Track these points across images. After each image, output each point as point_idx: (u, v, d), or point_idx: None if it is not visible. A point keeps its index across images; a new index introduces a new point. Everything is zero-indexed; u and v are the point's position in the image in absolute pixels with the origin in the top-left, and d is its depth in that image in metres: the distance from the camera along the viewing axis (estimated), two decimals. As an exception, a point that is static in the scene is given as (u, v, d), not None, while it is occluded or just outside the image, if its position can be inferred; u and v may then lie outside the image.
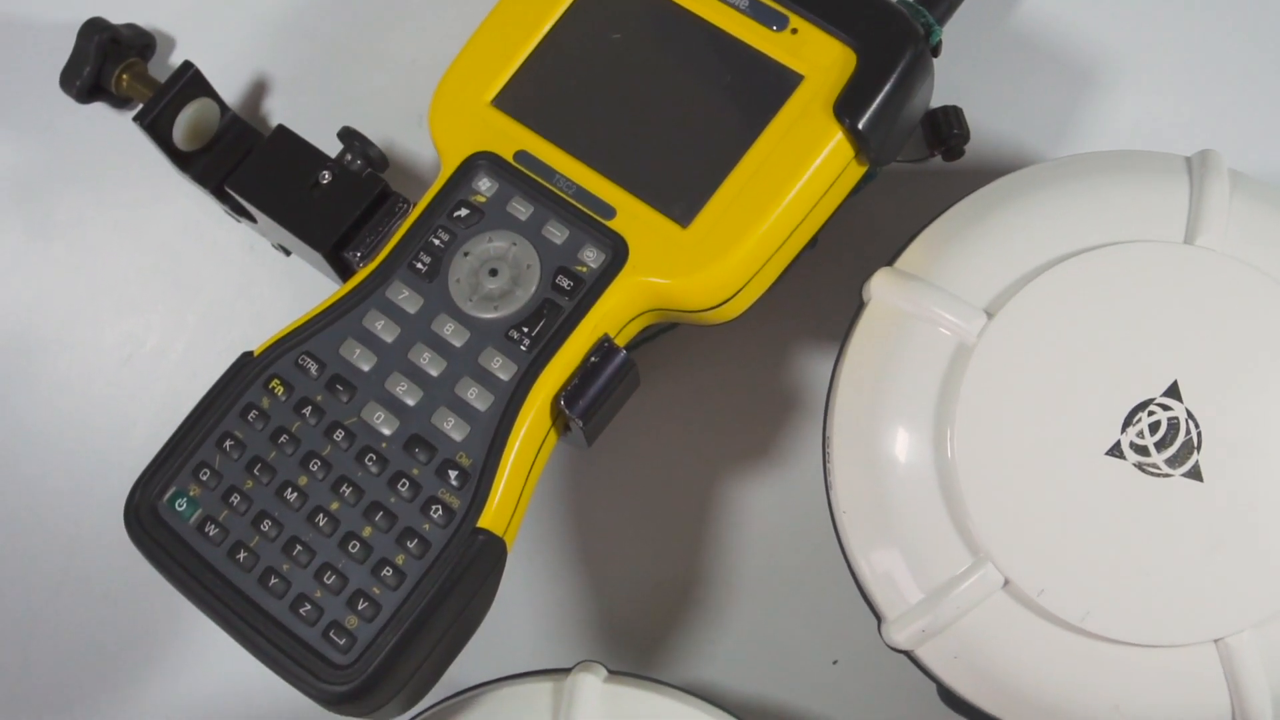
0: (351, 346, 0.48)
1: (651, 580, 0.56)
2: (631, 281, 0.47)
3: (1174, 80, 0.58)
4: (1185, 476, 0.46)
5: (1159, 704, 0.46)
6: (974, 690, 0.48)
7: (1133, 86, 0.58)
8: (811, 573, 0.56)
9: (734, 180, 0.48)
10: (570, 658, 0.56)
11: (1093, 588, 0.46)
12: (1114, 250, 0.47)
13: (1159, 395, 0.46)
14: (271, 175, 0.52)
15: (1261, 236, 0.48)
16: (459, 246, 0.48)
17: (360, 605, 0.45)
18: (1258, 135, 0.58)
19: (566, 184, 0.49)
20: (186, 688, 0.56)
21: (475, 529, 0.45)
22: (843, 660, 0.56)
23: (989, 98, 0.57)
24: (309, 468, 0.47)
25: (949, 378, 0.47)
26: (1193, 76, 0.58)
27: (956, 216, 0.50)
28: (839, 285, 0.55)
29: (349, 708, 0.45)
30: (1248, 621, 0.45)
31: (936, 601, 0.47)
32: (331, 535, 0.46)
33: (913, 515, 0.47)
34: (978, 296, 0.48)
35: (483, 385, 0.47)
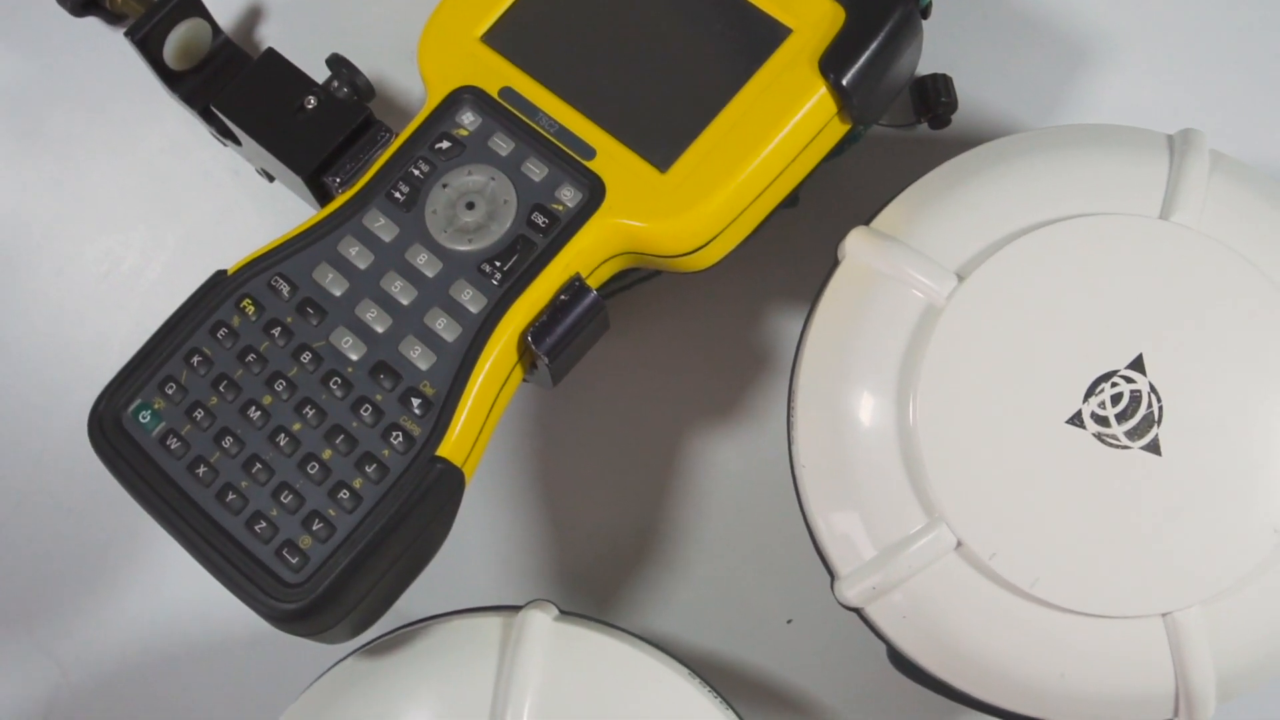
0: (325, 271, 0.48)
1: (613, 528, 0.57)
2: (606, 223, 0.47)
3: (1166, 60, 0.58)
4: (1144, 450, 0.46)
5: (1104, 674, 0.46)
6: (921, 651, 0.48)
7: (1125, 65, 0.58)
8: (773, 531, 0.56)
9: (715, 129, 0.48)
10: (526, 598, 0.56)
11: (1044, 555, 0.46)
12: (1089, 221, 0.47)
13: (1123, 367, 0.46)
14: (257, 98, 0.52)
15: (1237, 216, 0.48)
16: (438, 178, 0.49)
17: (315, 526, 0.45)
18: (1248, 119, 0.58)
19: (549, 123, 0.49)
20: (145, 604, 0.57)
21: (434, 457, 0.46)
22: (797, 620, 0.56)
23: (980, 69, 0.57)
24: (274, 388, 0.47)
25: (916, 338, 0.47)
26: (1186, 57, 0.58)
27: (936, 179, 0.50)
28: (819, 245, 0.55)
29: (297, 626, 0.45)
30: (1196, 597, 0.45)
31: (888, 559, 0.47)
32: (291, 455, 0.46)
33: (871, 473, 0.47)
34: (950, 259, 0.48)
35: (452, 316, 0.47)
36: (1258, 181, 0.49)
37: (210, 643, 0.56)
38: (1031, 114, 0.57)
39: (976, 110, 0.57)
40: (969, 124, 0.57)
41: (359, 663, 0.49)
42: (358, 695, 0.48)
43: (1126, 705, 0.47)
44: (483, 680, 0.47)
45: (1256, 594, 0.46)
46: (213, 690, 0.56)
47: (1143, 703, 0.47)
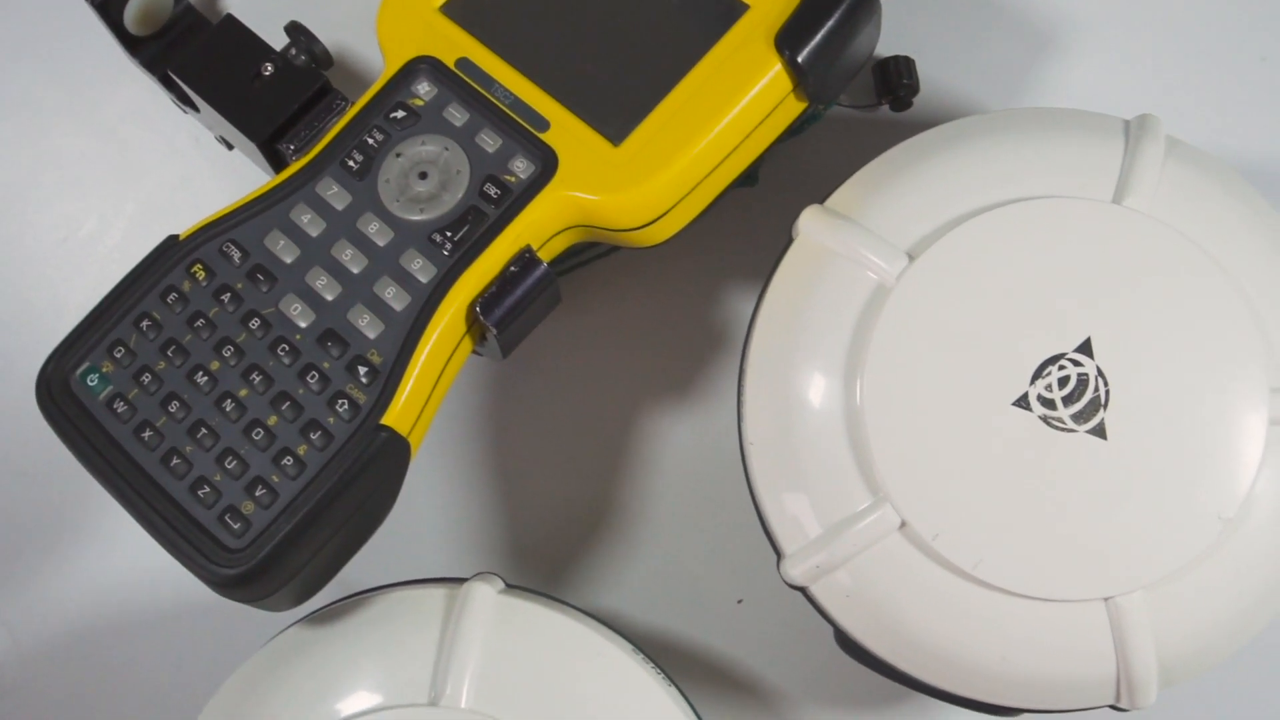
0: (276, 238, 0.48)
1: (565, 504, 0.56)
2: (558, 195, 0.47)
3: (1131, 46, 0.58)
4: (1089, 433, 0.46)
5: (1046, 658, 0.46)
6: (864, 631, 0.48)
7: (1089, 50, 0.58)
8: (726, 510, 0.56)
9: (669, 103, 0.48)
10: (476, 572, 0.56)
11: (988, 536, 0.46)
12: (1041, 204, 0.47)
13: (1071, 350, 0.46)
14: (215, 63, 0.52)
15: (1190, 202, 0.48)
16: (392, 147, 0.48)
17: (258, 492, 0.45)
18: (1210, 106, 0.58)
19: (504, 94, 0.49)
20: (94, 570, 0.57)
21: (379, 426, 0.45)
22: (747, 600, 0.56)
23: (943, 52, 0.57)
24: (222, 353, 0.47)
25: (865, 316, 0.47)
26: (1150, 44, 0.58)
27: (891, 159, 0.50)
28: (777, 225, 0.55)
29: (237, 592, 0.45)
30: (1138, 582, 0.45)
31: (833, 538, 0.47)
32: (237, 421, 0.46)
33: (818, 452, 0.47)
34: (902, 239, 0.48)
35: (401, 285, 0.47)
36: (1213, 168, 0.49)
37: (160, 609, 0.56)
38: (994, 98, 0.57)
39: (939, 93, 0.57)
40: (931, 107, 0.57)
41: (301, 631, 0.49)
42: (299, 664, 0.48)
43: (1068, 689, 0.47)
44: (424, 651, 0.47)
45: (1200, 580, 0.46)
46: (161, 657, 0.56)
47: (1084, 687, 0.47)
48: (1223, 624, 0.47)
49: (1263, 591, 0.47)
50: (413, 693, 0.47)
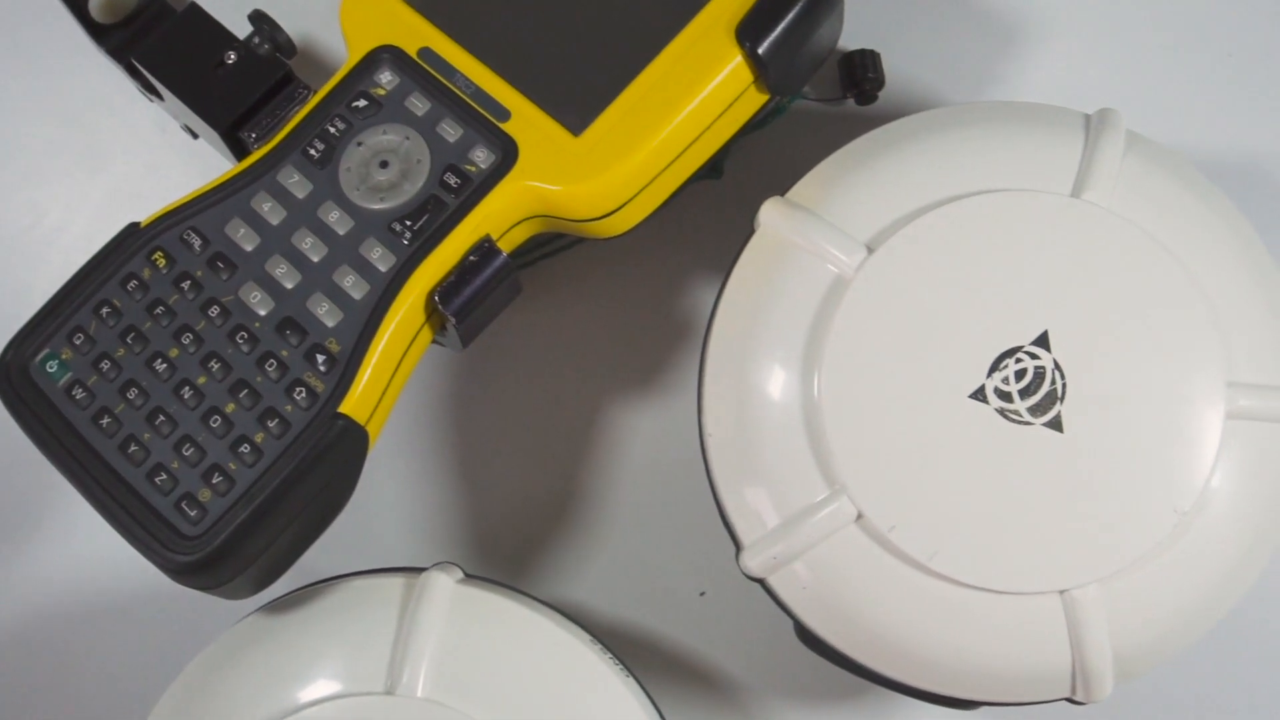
0: (237, 226, 0.48)
1: (528, 495, 0.57)
2: (518, 185, 0.47)
3: (1096, 41, 0.58)
4: (1046, 426, 0.46)
5: (1001, 650, 0.46)
6: (821, 623, 0.48)
7: (1054, 45, 0.58)
8: (689, 502, 0.56)
9: (630, 94, 0.48)
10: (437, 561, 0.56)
11: (943, 529, 0.46)
12: (999, 197, 0.47)
13: (1028, 344, 0.46)
14: (177, 52, 0.52)
15: (1149, 196, 0.48)
16: (353, 136, 0.48)
17: (215, 479, 0.45)
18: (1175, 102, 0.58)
19: (466, 84, 0.49)
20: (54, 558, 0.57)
21: (336, 414, 0.46)
22: (710, 593, 0.56)
23: (909, 46, 0.57)
24: (181, 341, 0.47)
25: (824, 308, 0.47)
26: (1116, 40, 0.58)
27: (852, 152, 0.50)
28: (742, 218, 0.55)
29: (194, 579, 0.45)
30: (1094, 575, 0.46)
31: (790, 529, 0.47)
32: (195, 409, 0.46)
33: (776, 444, 0.47)
34: (861, 231, 0.48)
35: (360, 274, 0.47)
36: (1172, 163, 0.49)
37: (121, 597, 0.56)
38: (960, 92, 0.57)
39: (904, 87, 0.57)
40: (896, 101, 0.57)
41: (259, 619, 0.49)
42: (256, 652, 0.48)
43: (1024, 681, 0.47)
44: (382, 640, 0.47)
45: (1155, 573, 0.46)
46: (121, 645, 0.56)
47: (1040, 679, 0.47)
48: (1178, 617, 0.47)
49: (1219, 585, 0.47)
50: (369, 681, 0.47)
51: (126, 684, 0.56)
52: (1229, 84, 0.58)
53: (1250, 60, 0.58)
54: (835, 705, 0.56)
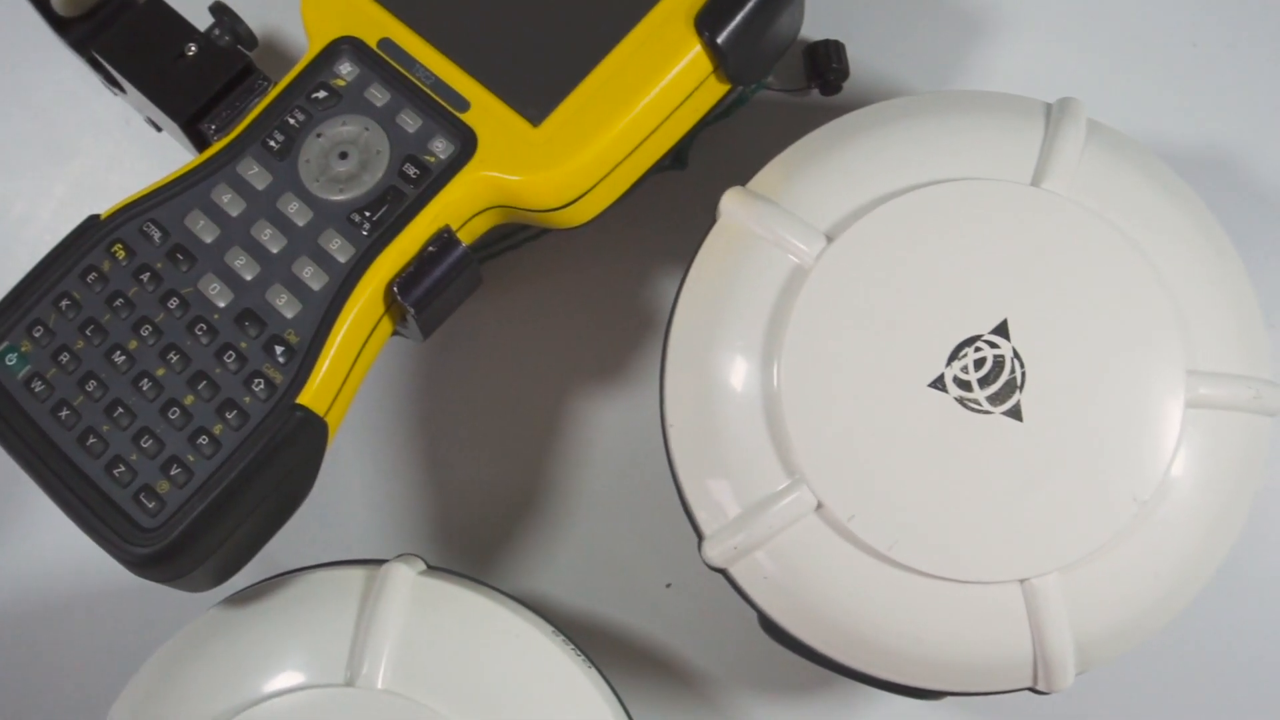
0: (197, 217, 0.48)
1: (493, 487, 0.56)
2: (477, 175, 0.47)
3: (1062, 32, 0.58)
4: (1005, 415, 0.46)
5: (962, 640, 0.46)
6: (782, 613, 0.48)
7: (1019, 35, 0.58)
8: (655, 494, 0.56)
9: (589, 84, 0.48)
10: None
11: (903, 518, 0.46)
12: (959, 186, 0.47)
13: (987, 332, 0.46)
14: (138, 44, 0.51)
15: (1109, 185, 0.48)
16: (313, 128, 0.48)
17: (173, 471, 0.45)
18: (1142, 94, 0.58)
19: (425, 74, 0.49)
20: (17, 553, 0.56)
21: (294, 405, 0.45)
22: (676, 584, 0.56)
23: (873, 36, 0.57)
24: (140, 333, 0.47)
25: (783, 298, 0.47)
26: (1081, 29, 0.58)
27: (813, 141, 0.50)
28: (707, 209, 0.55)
29: (152, 571, 0.45)
30: (1054, 564, 0.45)
31: (751, 519, 0.47)
32: (154, 401, 0.46)
33: (736, 433, 0.47)
34: (820, 220, 0.48)
35: (319, 265, 0.47)
36: (1133, 151, 0.49)
37: (84, 593, 0.56)
38: (925, 83, 0.57)
39: (868, 77, 0.57)
40: (861, 91, 0.57)
41: (221, 612, 0.49)
42: (217, 644, 0.48)
43: (986, 671, 0.47)
44: (342, 632, 0.47)
45: (1116, 563, 0.46)
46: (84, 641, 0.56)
47: (1002, 669, 0.47)
48: (1139, 606, 0.47)
49: (1180, 574, 0.47)
50: (329, 673, 0.46)
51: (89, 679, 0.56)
52: (1194, 74, 0.58)
53: (1215, 50, 0.58)
54: (801, 697, 0.56)
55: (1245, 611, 0.56)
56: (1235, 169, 0.57)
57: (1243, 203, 0.57)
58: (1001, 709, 0.55)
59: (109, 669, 0.56)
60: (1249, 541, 0.55)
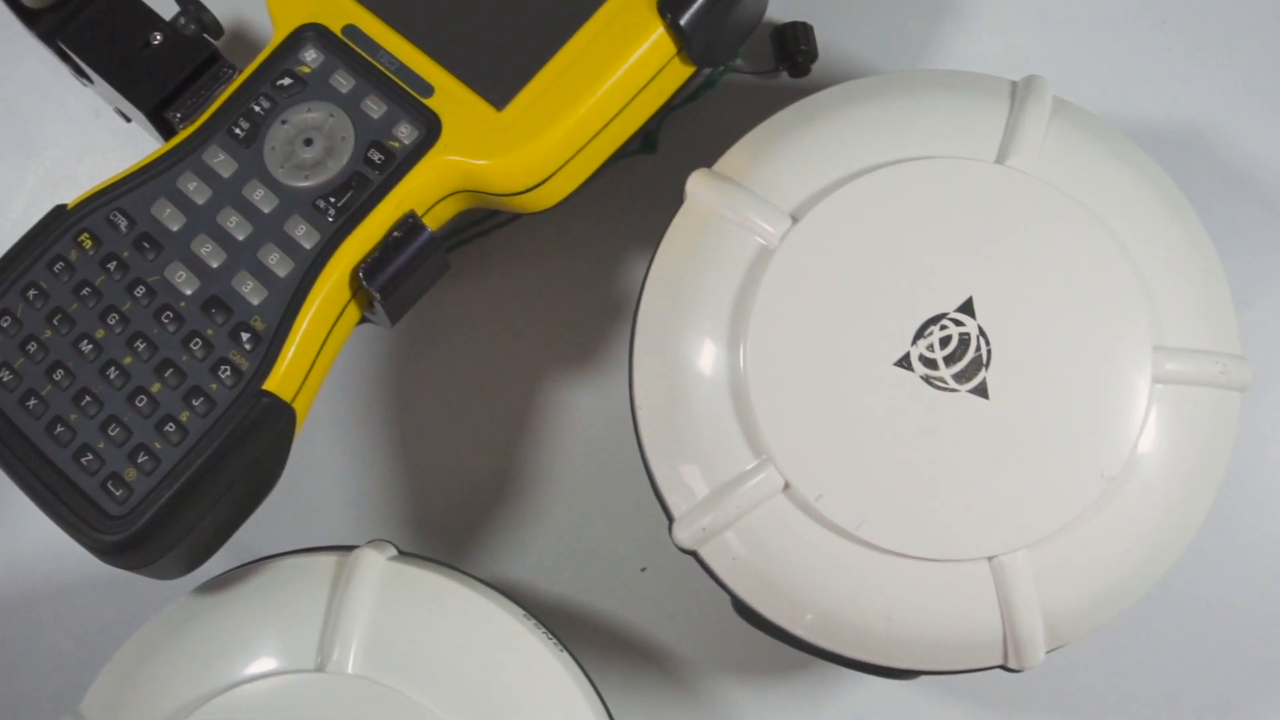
0: (163, 206, 0.48)
1: (468, 474, 0.56)
2: (441, 160, 0.47)
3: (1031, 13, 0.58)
4: (971, 393, 0.46)
5: (931, 617, 0.46)
6: (754, 595, 0.48)
7: (988, 16, 0.58)
8: (629, 478, 0.56)
9: (552, 67, 0.48)
10: (376, 542, 0.56)
11: (871, 497, 0.46)
12: (923, 164, 0.47)
13: (953, 310, 0.46)
14: (103, 34, 0.51)
15: (1075, 162, 0.48)
16: (278, 115, 0.48)
17: (141, 459, 0.45)
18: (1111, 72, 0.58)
19: (390, 60, 0.49)
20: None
21: (261, 391, 0.46)
22: (651, 569, 0.56)
23: (842, 18, 0.57)
24: (107, 322, 0.47)
25: (749, 279, 0.47)
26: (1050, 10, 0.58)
27: (779, 122, 0.50)
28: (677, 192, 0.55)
29: (121, 559, 0.45)
30: (1022, 541, 0.45)
31: (719, 500, 0.47)
32: (121, 389, 0.46)
33: (703, 415, 0.47)
34: (786, 201, 0.48)
35: (285, 252, 0.47)
36: (1099, 129, 0.49)
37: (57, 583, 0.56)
38: (893, 64, 0.57)
39: (837, 59, 0.57)
40: (830, 73, 0.57)
41: (193, 600, 0.49)
42: (189, 632, 0.48)
43: (957, 649, 0.47)
44: (313, 617, 0.47)
45: (1084, 539, 0.46)
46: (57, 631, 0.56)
47: (971, 647, 0.47)
48: (1108, 582, 0.47)
49: (1149, 550, 0.47)
50: (300, 659, 0.47)
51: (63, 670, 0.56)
52: (1164, 52, 0.58)
53: (1184, 28, 0.58)
54: (776, 680, 0.56)
55: (1218, 587, 0.56)
56: (1206, 147, 0.57)
57: (1214, 181, 0.57)
58: (976, 689, 0.55)
59: (83, 659, 0.56)
60: (1221, 517, 0.55)
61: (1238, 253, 0.56)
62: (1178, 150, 0.57)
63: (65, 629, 0.56)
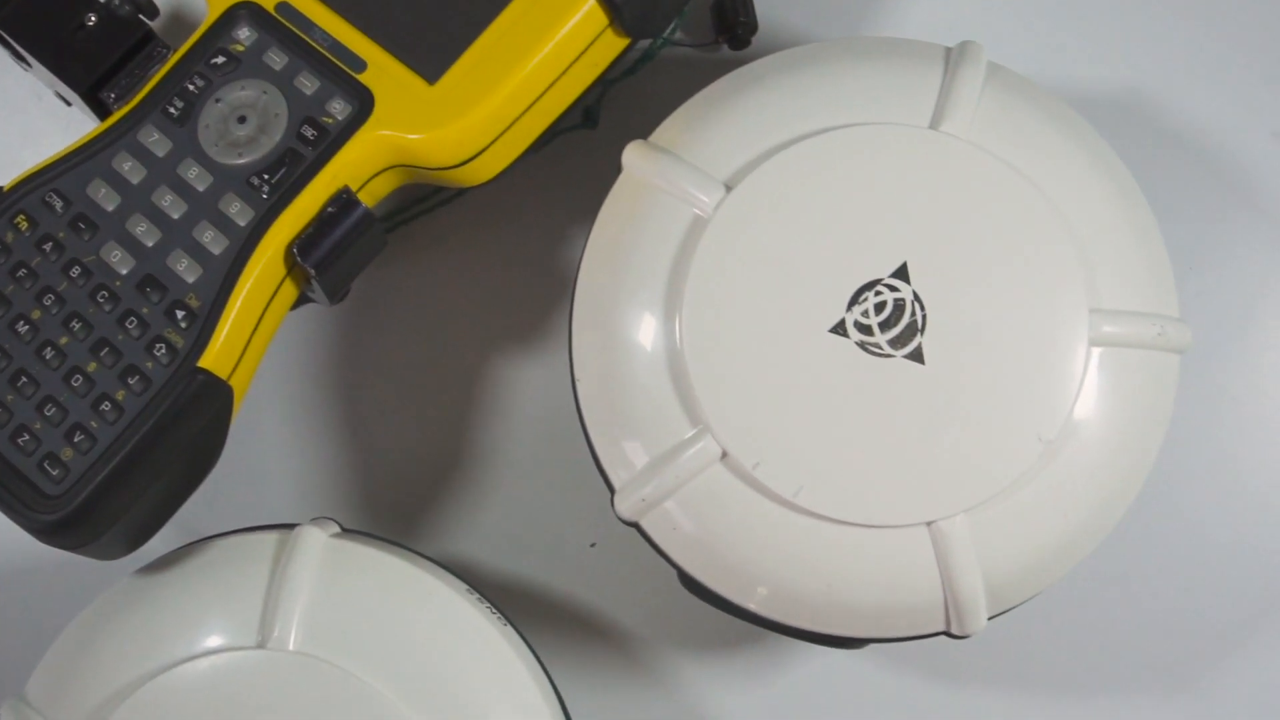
0: (98, 186, 0.48)
1: (416, 452, 0.57)
2: (374, 135, 0.47)
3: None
4: (907, 358, 0.46)
5: (871, 583, 0.46)
6: (696, 565, 0.48)
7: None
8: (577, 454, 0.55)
9: (484, 40, 0.48)
10: (324, 522, 0.56)
11: (808, 464, 0.46)
12: (856, 131, 0.47)
13: (887, 276, 0.46)
14: (38, 16, 0.51)
15: (1009, 126, 0.48)
16: (212, 93, 0.48)
17: (77, 438, 0.45)
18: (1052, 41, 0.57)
19: (323, 36, 0.49)
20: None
21: (196, 368, 0.45)
22: (601, 544, 0.56)
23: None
24: (43, 302, 0.47)
25: (684, 249, 0.47)
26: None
27: (714, 92, 0.50)
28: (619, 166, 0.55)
29: (59, 539, 0.45)
30: (960, 506, 0.46)
31: (658, 470, 0.47)
32: (57, 369, 0.46)
33: (641, 386, 0.47)
34: (720, 170, 0.48)
35: (219, 229, 0.47)
36: (1034, 93, 0.49)
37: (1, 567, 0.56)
38: (833, 35, 0.57)
39: (777, 31, 0.57)
40: (770, 45, 0.57)
41: (135, 580, 0.49)
42: (131, 612, 0.48)
43: (897, 616, 0.47)
44: (254, 595, 0.47)
45: (1023, 502, 0.46)
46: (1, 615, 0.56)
47: (913, 613, 0.47)
48: (1049, 545, 0.47)
49: (1089, 513, 0.47)
50: (241, 636, 0.47)
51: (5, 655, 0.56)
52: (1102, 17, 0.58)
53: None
54: (725, 653, 0.56)
55: (1160, 552, 0.56)
56: (1146, 113, 0.57)
57: (1154, 146, 0.57)
58: (924, 658, 0.56)
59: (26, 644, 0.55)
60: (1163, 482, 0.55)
61: (1181, 219, 0.56)
62: (1118, 116, 0.57)
63: (6, 615, 0.56)
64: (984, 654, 0.55)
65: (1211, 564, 0.56)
